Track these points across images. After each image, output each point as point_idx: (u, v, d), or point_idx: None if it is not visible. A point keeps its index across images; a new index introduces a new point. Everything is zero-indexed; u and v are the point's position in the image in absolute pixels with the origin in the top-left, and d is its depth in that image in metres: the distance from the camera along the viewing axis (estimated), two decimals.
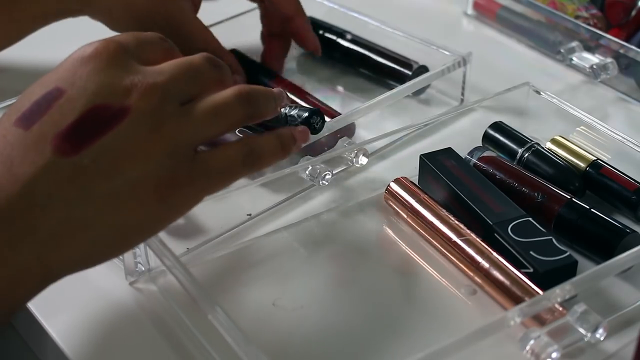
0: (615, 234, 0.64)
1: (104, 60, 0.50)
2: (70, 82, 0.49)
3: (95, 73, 0.50)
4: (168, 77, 0.51)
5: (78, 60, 0.50)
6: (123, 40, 0.52)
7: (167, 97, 0.50)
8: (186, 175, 0.50)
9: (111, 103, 0.49)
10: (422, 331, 0.60)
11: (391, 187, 0.69)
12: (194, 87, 0.53)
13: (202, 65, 0.54)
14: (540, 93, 0.76)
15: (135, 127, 0.49)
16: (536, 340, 0.54)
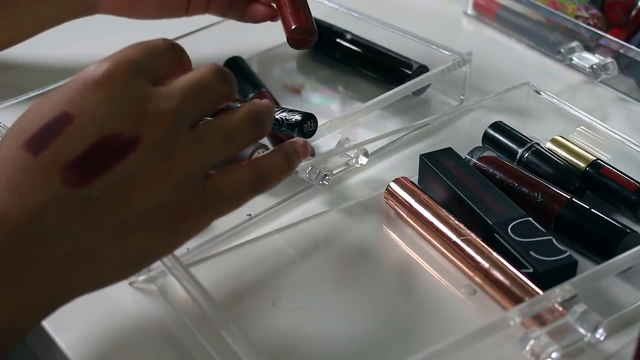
0: (615, 234, 0.64)
1: (114, 86, 0.48)
2: (80, 108, 0.48)
3: (106, 101, 0.48)
4: (179, 101, 0.50)
5: (88, 84, 0.48)
6: (133, 59, 0.50)
7: (178, 123, 0.49)
8: (197, 204, 0.50)
9: (121, 132, 0.47)
10: (422, 331, 0.60)
11: (391, 187, 0.69)
12: (205, 107, 0.52)
13: (212, 80, 0.52)
14: (540, 93, 0.76)
15: (145, 158, 0.48)
16: (536, 340, 0.54)
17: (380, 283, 0.64)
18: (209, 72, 0.52)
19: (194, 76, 0.52)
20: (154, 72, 0.51)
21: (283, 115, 0.71)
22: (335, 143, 0.74)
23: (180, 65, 0.53)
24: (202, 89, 0.51)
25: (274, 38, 0.79)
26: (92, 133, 0.47)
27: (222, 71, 0.53)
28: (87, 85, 0.48)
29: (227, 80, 0.53)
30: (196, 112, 0.51)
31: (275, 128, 0.71)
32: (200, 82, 0.51)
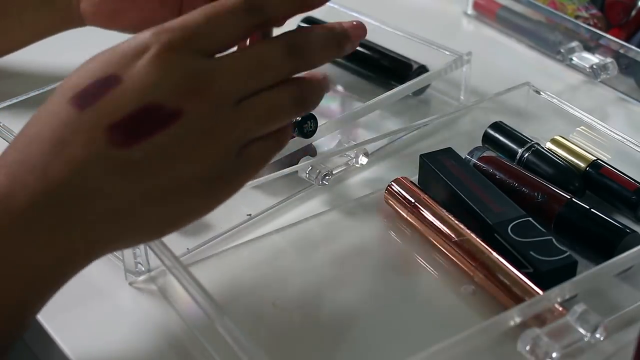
0: (616, 234, 0.64)
1: (164, 57, 0.49)
2: (128, 73, 0.49)
3: (154, 71, 0.49)
4: (230, 80, 0.50)
5: (139, 51, 0.49)
6: (191, 32, 0.50)
7: (223, 101, 0.49)
8: (233, 172, 0.51)
9: (165, 103, 0.48)
10: (422, 331, 0.60)
11: (391, 187, 0.69)
12: (258, 86, 0.51)
13: (276, 58, 0.51)
14: (540, 93, 0.76)
15: (185, 131, 0.48)
16: (536, 340, 0.54)
17: (380, 283, 0.64)
18: (276, 47, 0.51)
19: (257, 52, 0.51)
20: (214, 44, 0.50)
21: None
22: (335, 143, 0.74)
23: (258, 27, 0.52)
24: (261, 68, 0.51)
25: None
26: (136, 99, 0.48)
27: (295, 45, 0.52)
28: (139, 53, 0.49)
29: (297, 55, 0.52)
30: (247, 90, 0.50)
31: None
32: (262, 61, 0.51)
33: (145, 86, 0.48)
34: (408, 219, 0.67)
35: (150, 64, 0.48)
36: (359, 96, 0.84)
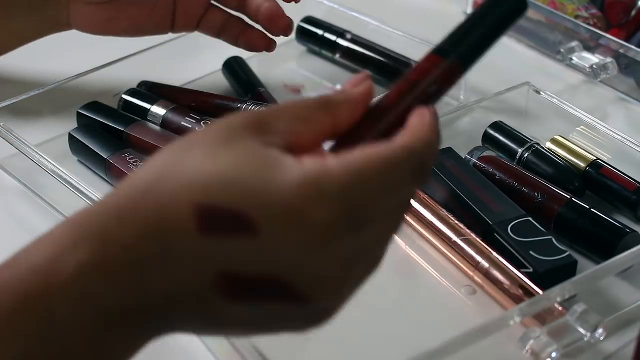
0: (615, 233, 0.64)
1: (318, 239, 0.41)
2: (268, 231, 0.40)
3: (298, 247, 0.41)
4: (377, 257, 0.45)
5: (291, 217, 0.40)
6: (355, 212, 0.41)
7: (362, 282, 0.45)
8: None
9: (296, 286, 0.41)
10: (422, 331, 0.60)
11: None
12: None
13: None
14: (540, 93, 0.76)
15: (301, 312, 0.43)
16: (536, 340, 0.54)
17: (379, 283, 0.64)
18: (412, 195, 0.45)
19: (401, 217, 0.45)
20: (374, 216, 0.43)
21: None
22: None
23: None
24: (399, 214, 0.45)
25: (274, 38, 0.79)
26: (269, 267, 0.41)
27: (420, 173, 0.45)
28: (289, 219, 0.41)
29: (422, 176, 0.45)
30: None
31: None
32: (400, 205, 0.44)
33: (283, 259, 0.41)
34: (408, 219, 0.67)
35: (298, 239, 0.41)
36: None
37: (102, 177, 0.72)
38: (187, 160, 0.41)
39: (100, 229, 0.41)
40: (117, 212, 0.41)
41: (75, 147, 0.74)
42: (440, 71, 0.46)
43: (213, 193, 0.40)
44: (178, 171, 0.41)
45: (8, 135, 0.71)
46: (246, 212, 0.40)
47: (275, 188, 0.40)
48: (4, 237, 0.69)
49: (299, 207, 0.40)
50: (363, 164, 0.41)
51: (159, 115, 0.75)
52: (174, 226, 0.40)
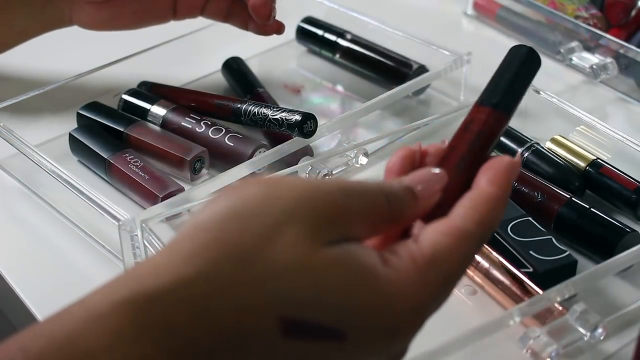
0: (615, 233, 0.64)
1: (404, 339, 0.43)
2: (358, 339, 0.40)
3: (389, 349, 0.42)
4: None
5: (391, 330, 0.41)
6: (433, 302, 0.44)
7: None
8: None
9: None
10: (422, 331, 0.59)
11: None
12: None
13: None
14: (540, 93, 0.76)
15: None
16: (536, 340, 0.54)
17: None
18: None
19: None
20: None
21: (283, 116, 0.71)
22: (335, 143, 0.74)
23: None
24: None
25: (274, 38, 0.79)
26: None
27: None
28: (385, 331, 0.41)
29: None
30: None
31: (275, 128, 0.71)
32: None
33: (363, 356, 0.41)
34: None
35: (390, 344, 0.42)
36: (359, 96, 0.84)
37: (102, 177, 0.72)
38: (268, 254, 0.39)
39: (168, 322, 0.38)
40: (189, 305, 0.39)
41: (75, 147, 0.74)
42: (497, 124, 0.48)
43: (304, 310, 0.39)
44: (259, 269, 0.39)
45: (8, 135, 0.71)
46: (337, 327, 0.40)
47: (367, 300, 0.40)
48: (4, 237, 0.70)
49: (390, 323, 0.41)
50: (446, 257, 0.42)
51: (159, 115, 0.75)
52: (256, 331, 0.39)
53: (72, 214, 0.69)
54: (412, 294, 0.41)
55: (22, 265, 0.67)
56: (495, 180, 0.45)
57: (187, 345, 0.38)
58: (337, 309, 0.40)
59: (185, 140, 0.73)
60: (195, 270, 0.39)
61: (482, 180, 0.45)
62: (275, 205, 0.40)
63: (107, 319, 0.38)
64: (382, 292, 0.41)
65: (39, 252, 0.68)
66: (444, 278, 0.42)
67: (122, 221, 0.62)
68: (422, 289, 0.42)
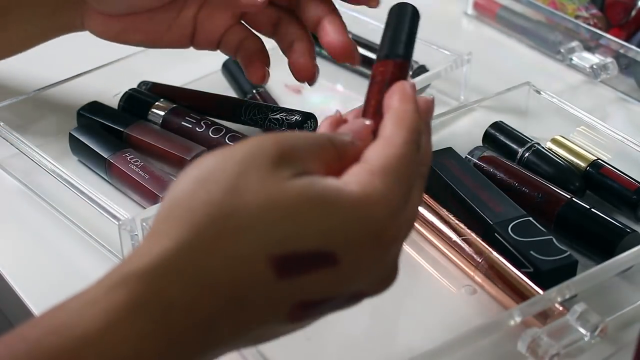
0: (616, 233, 0.64)
1: (388, 250, 0.44)
2: (349, 259, 0.42)
3: (374, 263, 0.44)
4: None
5: (370, 237, 0.43)
6: (415, 211, 0.47)
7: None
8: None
9: (368, 293, 0.46)
10: (422, 331, 0.60)
11: None
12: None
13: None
14: (540, 93, 0.76)
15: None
16: (536, 340, 0.54)
17: None
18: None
19: (420, 198, 0.48)
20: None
21: (283, 115, 0.71)
22: None
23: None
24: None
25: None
26: (345, 289, 0.43)
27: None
28: (369, 239, 0.43)
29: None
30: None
31: (275, 128, 0.71)
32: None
33: (360, 278, 0.43)
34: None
35: (375, 257, 0.43)
36: (359, 96, 0.83)
37: (102, 176, 0.72)
38: (240, 203, 0.41)
39: (159, 290, 0.39)
40: (178, 274, 0.39)
41: (75, 147, 0.74)
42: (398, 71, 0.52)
43: (289, 241, 0.41)
44: (236, 218, 0.40)
45: (8, 135, 0.71)
46: (326, 249, 0.41)
47: (343, 217, 0.42)
48: (4, 237, 0.70)
49: (378, 232, 0.43)
50: (395, 163, 0.45)
51: (159, 115, 0.75)
52: (250, 280, 0.40)
53: (72, 214, 0.69)
54: (382, 199, 0.43)
55: (22, 265, 0.67)
56: (401, 98, 0.48)
57: (186, 317, 0.39)
58: (319, 233, 0.41)
59: (185, 140, 0.73)
60: (178, 241, 0.40)
61: (394, 102, 0.48)
62: (231, 162, 0.42)
63: (102, 303, 0.39)
64: (354, 206, 0.42)
65: (39, 251, 0.68)
66: (404, 179, 0.45)
67: (122, 221, 0.62)
68: (389, 193, 0.44)
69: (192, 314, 0.39)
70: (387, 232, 0.43)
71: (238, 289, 0.40)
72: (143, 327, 0.39)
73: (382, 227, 0.43)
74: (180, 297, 0.39)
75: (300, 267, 0.41)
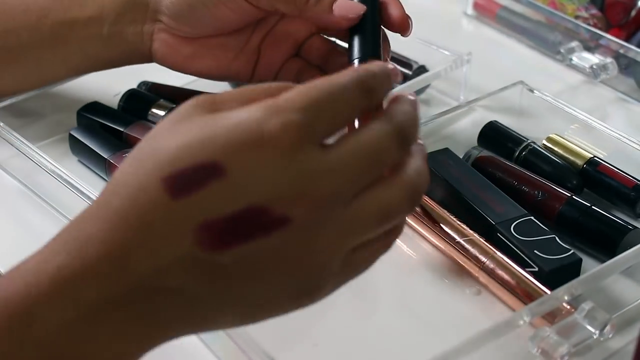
0: (618, 230, 0.64)
1: (277, 152, 0.41)
2: (233, 165, 0.41)
3: (263, 168, 0.41)
4: (345, 178, 0.42)
5: (248, 140, 0.41)
6: (310, 118, 0.42)
7: (336, 205, 0.42)
8: (333, 282, 0.45)
9: (272, 208, 0.41)
10: (428, 333, 0.59)
11: None
12: (370, 180, 0.44)
13: (388, 148, 0.44)
14: (533, 92, 0.76)
15: (290, 239, 0.42)
16: (546, 339, 0.54)
17: (382, 285, 0.64)
18: (390, 137, 0.44)
19: (373, 144, 0.43)
20: (332, 130, 0.43)
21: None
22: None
23: (369, 110, 0.45)
24: (378, 163, 0.44)
25: None
26: (240, 199, 0.41)
27: (406, 135, 0.45)
28: (247, 142, 0.41)
29: (407, 145, 0.45)
30: (361, 188, 0.43)
31: None
32: (378, 155, 0.44)
33: (252, 185, 0.41)
34: (409, 220, 0.67)
35: (260, 159, 0.41)
36: None
37: (102, 177, 0.72)
38: (151, 147, 0.43)
39: (79, 232, 0.42)
40: (96, 217, 0.42)
41: (75, 147, 0.74)
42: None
43: (176, 160, 0.41)
44: (145, 159, 0.42)
45: (8, 135, 0.71)
46: (208, 159, 0.41)
47: (227, 124, 0.42)
48: (4, 237, 0.69)
49: (256, 129, 0.41)
50: (311, 85, 0.43)
51: (159, 115, 0.75)
52: (149, 205, 0.41)
53: (72, 214, 0.68)
54: (264, 106, 0.42)
55: None
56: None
57: (97, 247, 0.42)
58: (201, 145, 0.41)
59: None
60: (103, 191, 0.44)
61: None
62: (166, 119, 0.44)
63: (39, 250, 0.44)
64: (232, 115, 0.42)
65: None
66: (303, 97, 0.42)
67: None
68: (285, 102, 0.42)
69: (105, 245, 0.41)
70: (268, 131, 0.41)
71: (143, 217, 0.42)
72: (62, 260, 0.42)
73: (257, 126, 0.41)
74: (96, 233, 0.42)
75: (190, 184, 0.41)
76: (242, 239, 0.41)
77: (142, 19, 0.72)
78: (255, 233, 0.41)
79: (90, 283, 0.41)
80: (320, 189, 0.42)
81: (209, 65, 0.72)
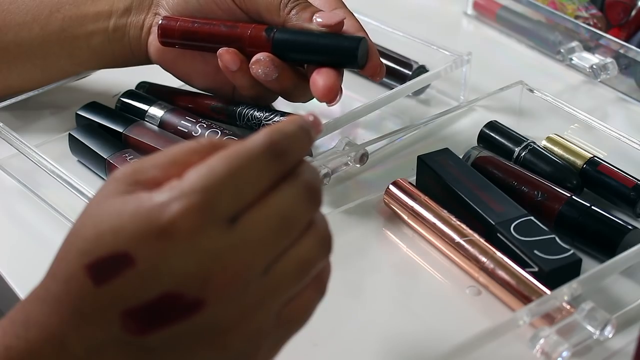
0: (618, 230, 0.64)
1: (180, 239, 0.42)
2: (141, 254, 0.42)
3: (169, 255, 0.42)
4: (257, 251, 0.43)
5: (152, 229, 0.42)
6: (211, 198, 0.42)
7: (251, 278, 0.43)
8: (273, 341, 0.46)
9: (185, 292, 0.42)
10: (428, 333, 0.59)
11: (391, 189, 0.68)
12: (284, 245, 0.44)
13: (299, 211, 0.44)
14: (533, 91, 0.76)
15: (211, 319, 0.43)
16: (546, 340, 0.54)
17: (382, 286, 0.64)
18: (299, 199, 0.44)
19: (282, 210, 0.44)
20: (238, 205, 0.43)
21: (277, 120, 0.70)
22: (335, 143, 0.73)
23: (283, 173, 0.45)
24: (289, 228, 0.44)
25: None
26: (153, 288, 0.42)
27: (314, 192, 0.45)
28: (151, 231, 0.42)
29: (316, 201, 0.46)
30: (277, 252, 0.44)
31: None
32: (288, 220, 0.44)
33: (161, 273, 0.42)
34: (409, 221, 0.67)
35: (165, 247, 0.42)
36: (359, 96, 0.84)
37: (102, 177, 0.72)
38: (77, 230, 0.45)
39: (25, 315, 0.45)
40: (40, 293, 0.45)
41: (75, 147, 0.74)
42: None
43: (95, 249, 0.43)
44: (72, 242, 0.44)
45: (8, 135, 0.71)
46: (120, 249, 0.42)
47: (134, 212, 0.43)
48: (3, 237, 0.69)
49: (158, 216, 0.42)
50: (216, 161, 0.43)
51: (157, 116, 0.75)
52: (78, 292, 0.43)
53: (72, 214, 0.68)
54: (166, 194, 0.43)
55: (21, 265, 0.67)
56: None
57: (41, 332, 0.44)
58: (112, 235, 0.43)
59: (183, 141, 0.72)
60: (48, 270, 0.46)
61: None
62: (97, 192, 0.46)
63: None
64: (139, 204, 0.43)
65: (39, 252, 0.67)
66: (212, 173, 0.43)
67: None
68: (185, 186, 0.43)
69: (47, 329, 0.44)
70: (169, 217, 0.42)
71: (74, 302, 0.44)
72: (10, 341, 0.45)
73: (160, 213, 0.42)
74: (39, 317, 0.44)
75: (108, 272, 0.43)
76: (165, 324, 0.43)
77: (145, 12, 0.74)
78: (174, 318, 0.43)
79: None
80: (227, 267, 0.42)
81: (195, 70, 0.74)
